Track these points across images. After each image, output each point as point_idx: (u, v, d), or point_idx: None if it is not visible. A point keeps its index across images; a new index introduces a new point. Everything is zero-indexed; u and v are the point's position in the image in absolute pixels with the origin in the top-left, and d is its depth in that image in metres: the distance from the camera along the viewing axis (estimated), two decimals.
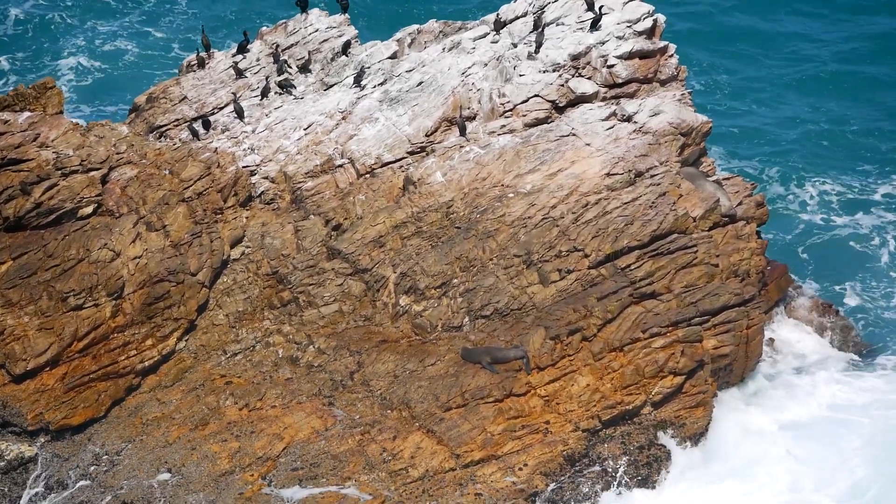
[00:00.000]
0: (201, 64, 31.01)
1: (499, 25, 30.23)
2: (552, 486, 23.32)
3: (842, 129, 43.25)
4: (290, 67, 30.77)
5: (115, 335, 25.07)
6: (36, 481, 23.39)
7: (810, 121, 43.87)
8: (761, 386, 27.29)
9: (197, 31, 35.26)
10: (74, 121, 28.29)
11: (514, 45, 29.72)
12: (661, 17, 29.49)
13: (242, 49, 31.27)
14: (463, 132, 28.09)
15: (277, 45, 31.08)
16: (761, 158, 41.13)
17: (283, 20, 32.40)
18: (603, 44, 28.96)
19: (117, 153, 27.41)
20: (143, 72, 46.06)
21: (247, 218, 27.57)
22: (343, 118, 29.37)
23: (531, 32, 29.65)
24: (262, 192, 28.17)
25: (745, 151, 41.67)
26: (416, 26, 31.99)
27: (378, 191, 27.79)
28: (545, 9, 30.15)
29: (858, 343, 29.87)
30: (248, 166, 28.32)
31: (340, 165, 28.31)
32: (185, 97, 30.14)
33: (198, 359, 25.72)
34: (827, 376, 28.18)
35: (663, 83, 29.19)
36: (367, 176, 28.11)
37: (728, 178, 29.33)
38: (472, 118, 28.58)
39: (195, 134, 29.05)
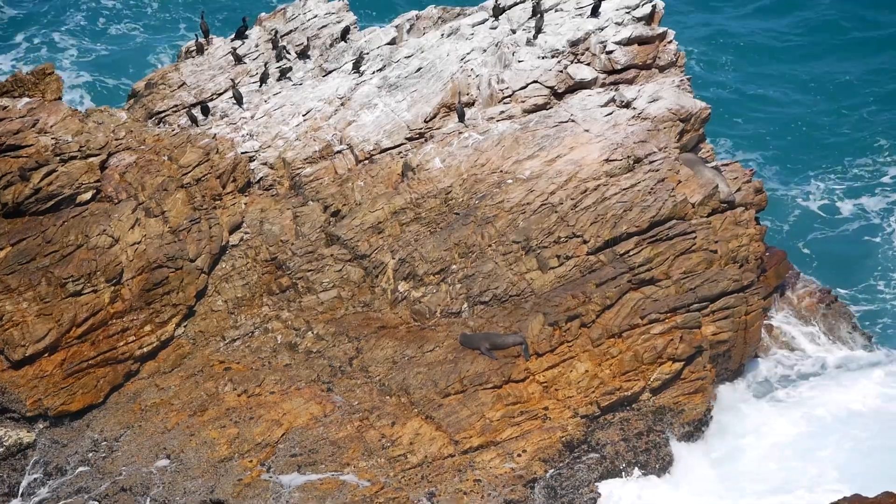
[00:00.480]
0: (200, 50, 30.95)
1: (497, 11, 30.14)
2: (551, 472, 23.32)
3: (847, 117, 42.81)
4: (289, 53, 30.72)
5: (114, 321, 25.08)
6: (34, 467, 23.41)
7: (813, 107, 43.48)
8: (758, 376, 27.27)
9: (201, 12, 35.19)
10: (73, 107, 28.27)
11: (513, 31, 29.65)
12: (661, 3, 29.45)
13: (241, 35, 31.21)
14: (462, 118, 28.05)
15: (276, 31, 31.01)
16: (762, 146, 40.88)
17: (282, 6, 32.34)
18: (602, 30, 28.91)
19: (116, 139, 27.40)
20: (150, 48, 46.01)
21: (245, 204, 27.55)
22: (342, 104, 29.31)
23: (530, 18, 29.59)
24: (261, 178, 28.15)
25: (745, 137, 41.43)
26: (414, 12, 31.90)
27: (377, 177, 27.76)
28: None
29: (857, 332, 29.81)
30: (246, 152, 28.30)
31: (339, 151, 28.27)
32: (184, 83, 30.08)
33: (196, 345, 25.74)
34: (825, 366, 28.13)
35: (662, 69, 29.14)
36: (366, 162, 28.08)
37: (727, 164, 29.27)
38: (470, 104, 28.53)
39: (194, 120, 29.00)
